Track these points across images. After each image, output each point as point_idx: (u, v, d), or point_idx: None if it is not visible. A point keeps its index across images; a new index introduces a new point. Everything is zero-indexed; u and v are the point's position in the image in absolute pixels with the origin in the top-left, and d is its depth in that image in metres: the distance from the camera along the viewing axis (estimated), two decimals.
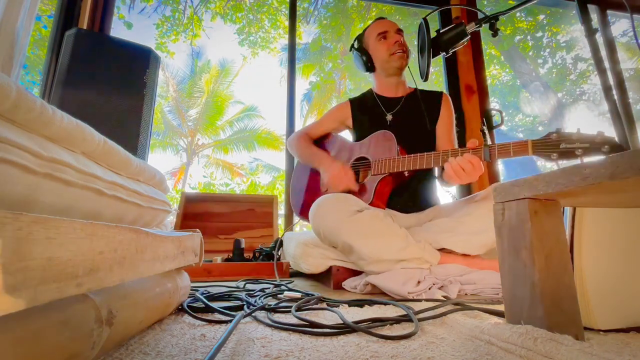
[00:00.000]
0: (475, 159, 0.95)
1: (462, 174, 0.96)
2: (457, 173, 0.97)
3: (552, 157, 0.83)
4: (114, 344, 0.41)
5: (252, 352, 0.44)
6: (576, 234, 0.53)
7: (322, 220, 1.03)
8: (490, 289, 0.91)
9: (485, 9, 5.73)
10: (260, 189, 9.83)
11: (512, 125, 8.98)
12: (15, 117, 0.30)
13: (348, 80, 9.47)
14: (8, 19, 1.16)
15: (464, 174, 0.96)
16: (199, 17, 7.02)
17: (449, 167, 0.98)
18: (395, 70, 1.32)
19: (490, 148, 0.94)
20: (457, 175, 0.97)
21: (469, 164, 0.95)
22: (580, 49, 6.91)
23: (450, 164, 0.98)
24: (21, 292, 0.22)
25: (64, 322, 0.29)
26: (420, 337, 0.51)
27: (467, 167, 0.95)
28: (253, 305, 0.70)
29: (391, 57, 1.29)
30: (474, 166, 0.95)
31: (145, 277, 0.44)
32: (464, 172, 0.96)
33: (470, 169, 0.95)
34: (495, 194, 0.54)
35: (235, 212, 1.89)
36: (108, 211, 0.46)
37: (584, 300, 0.51)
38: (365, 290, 0.96)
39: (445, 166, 0.99)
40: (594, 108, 7.28)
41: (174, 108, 10.82)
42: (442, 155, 1.01)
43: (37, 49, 6.50)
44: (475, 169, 0.95)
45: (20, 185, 0.30)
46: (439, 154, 1.02)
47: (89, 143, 0.42)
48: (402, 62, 1.30)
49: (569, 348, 0.37)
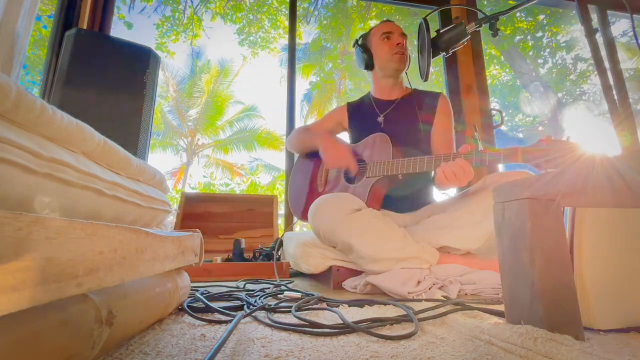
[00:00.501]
0: (466, 164, 0.96)
1: (453, 179, 0.97)
2: (448, 177, 0.98)
3: (541, 164, 0.83)
4: (114, 344, 0.41)
5: (252, 352, 0.44)
6: (576, 234, 0.53)
7: (321, 220, 1.03)
8: (490, 289, 0.91)
9: (485, 9, 5.73)
10: (260, 189, 9.84)
11: (512, 125, 8.98)
12: (15, 117, 0.30)
13: (348, 80, 9.47)
14: (8, 19, 1.17)
15: (455, 179, 0.97)
16: (199, 17, 7.01)
17: (440, 171, 0.99)
18: (393, 72, 1.32)
19: (481, 154, 0.95)
20: (448, 179, 0.98)
21: (460, 169, 0.96)
22: (580, 49, 6.90)
23: (442, 169, 0.99)
24: (21, 292, 0.22)
25: (64, 322, 0.29)
26: (420, 337, 0.51)
27: (458, 172, 0.96)
28: (253, 305, 0.70)
29: (392, 56, 1.29)
30: (464, 171, 0.96)
31: (145, 277, 0.44)
32: (455, 176, 0.97)
33: (461, 174, 0.96)
34: (495, 194, 0.54)
35: (235, 212, 1.89)
36: (108, 211, 0.46)
37: (584, 300, 0.51)
38: (365, 290, 0.96)
39: (437, 170, 1.00)
40: (594, 108, 7.28)
41: (174, 108, 10.82)
42: (435, 160, 1.02)
43: (37, 49, 6.50)
44: (465, 174, 0.96)
45: (20, 185, 0.30)
46: (432, 158, 1.03)
47: (89, 143, 0.42)
48: (401, 65, 1.30)
49: (569, 348, 0.37)
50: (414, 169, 1.05)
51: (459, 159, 0.97)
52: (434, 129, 1.30)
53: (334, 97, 9.91)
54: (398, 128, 1.28)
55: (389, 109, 1.34)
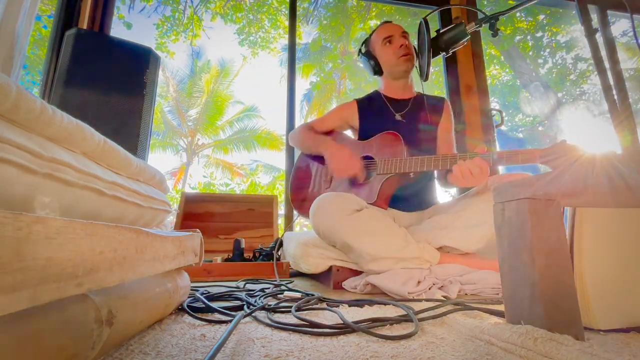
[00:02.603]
0: (484, 163, 0.99)
1: (469, 177, 1.00)
2: (464, 176, 1.00)
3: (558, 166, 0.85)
4: (114, 344, 0.41)
5: (252, 352, 0.44)
6: (576, 234, 0.53)
7: (322, 219, 1.03)
8: (490, 289, 0.91)
9: (485, 9, 5.73)
10: (260, 189, 9.83)
11: (512, 125, 8.98)
12: (15, 117, 0.30)
13: (348, 80, 9.46)
14: (8, 19, 1.16)
15: (471, 177, 0.99)
16: (199, 17, 7.01)
17: (457, 169, 1.01)
18: (402, 74, 1.34)
19: (498, 155, 0.98)
20: (464, 177, 1.00)
21: (477, 167, 0.99)
22: (580, 49, 6.90)
23: (459, 167, 1.01)
24: (21, 292, 0.22)
25: (64, 322, 0.29)
26: (420, 337, 0.51)
27: (475, 170, 0.99)
28: (253, 305, 0.70)
29: (398, 60, 1.31)
30: (482, 170, 0.99)
31: (145, 277, 0.44)
32: (471, 175, 0.99)
33: (478, 173, 0.99)
34: (495, 194, 0.54)
35: (235, 212, 1.89)
36: (108, 211, 0.46)
37: (584, 300, 0.51)
38: (365, 290, 0.96)
39: (454, 168, 1.02)
40: (594, 108, 7.28)
41: (174, 108, 10.82)
42: (451, 158, 1.04)
43: (37, 49, 6.50)
44: (482, 173, 0.99)
45: (20, 185, 0.30)
46: (447, 157, 1.05)
47: (89, 143, 0.42)
48: (408, 65, 1.32)
49: (569, 348, 0.37)
50: (428, 167, 1.08)
51: (477, 158, 1.00)
52: (439, 130, 1.35)
53: (334, 97, 9.91)
54: (416, 126, 1.32)
55: (406, 109, 1.35)
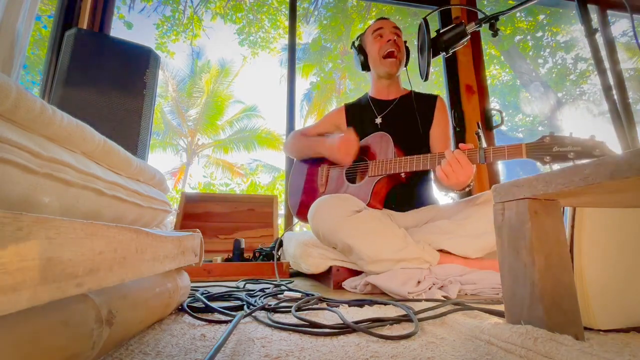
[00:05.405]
0: (462, 156, 0.96)
1: (451, 174, 0.97)
2: (446, 173, 0.98)
3: (545, 160, 0.84)
4: (114, 344, 0.41)
5: (252, 352, 0.44)
6: (576, 234, 0.53)
7: (321, 221, 1.03)
8: (490, 289, 0.91)
9: (485, 9, 5.72)
10: (260, 189, 9.83)
11: (512, 125, 8.98)
12: (15, 117, 0.30)
13: (348, 80, 9.46)
14: (8, 19, 1.16)
15: (453, 173, 0.97)
16: (199, 17, 7.01)
17: (439, 169, 0.99)
18: (385, 74, 1.33)
19: (485, 150, 0.95)
20: (446, 175, 0.98)
21: (455, 161, 0.96)
22: (580, 49, 6.90)
23: (440, 166, 0.99)
24: (21, 292, 0.22)
25: (64, 322, 0.29)
26: (420, 337, 0.51)
27: (454, 164, 0.96)
28: (253, 305, 0.70)
29: (382, 60, 1.30)
30: (460, 163, 0.95)
31: (145, 277, 0.44)
32: (452, 171, 0.96)
33: (458, 167, 0.96)
34: (495, 194, 0.54)
35: (235, 212, 1.89)
36: (108, 211, 0.46)
37: (584, 300, 0.51)
38: (365, 290, 0.96)
39: (437, 169, 1.00)
40: (594, 108, 7.28)
41: (174, 108, 10.81)
42: (438, 157, 1.02)
43: (37, 49, 6.50)
44: (462, 166, 0.95)
45: (20, 185, 0.30)
46: (435, 156, 1.03)
47: (89, 143, 0.42)
48: (392, 69, 1.30)
49: (569, 348, 0.37)
50: (416, 167, 1.06)
51: (456, 150, 0.97)
52: (432, 130, 1.31)
53: (334, 97, 9.91)
54: (397, 128, 1.28)
55: (387, 110, 1.34)
